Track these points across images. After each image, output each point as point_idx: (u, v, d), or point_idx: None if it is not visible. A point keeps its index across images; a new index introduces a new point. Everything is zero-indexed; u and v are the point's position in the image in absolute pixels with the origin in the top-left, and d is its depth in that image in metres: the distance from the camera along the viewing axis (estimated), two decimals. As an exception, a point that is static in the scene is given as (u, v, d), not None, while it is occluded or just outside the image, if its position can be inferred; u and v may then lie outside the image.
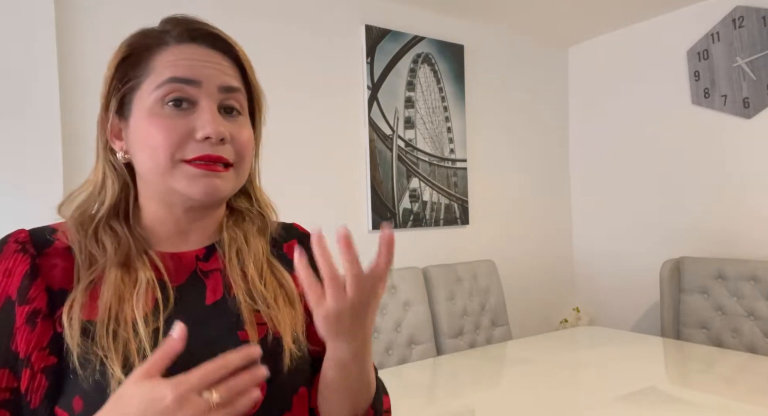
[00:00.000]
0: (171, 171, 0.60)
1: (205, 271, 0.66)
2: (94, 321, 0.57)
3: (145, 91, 0.61)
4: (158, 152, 0.59)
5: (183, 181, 0.60)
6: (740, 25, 2.40)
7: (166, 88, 0.59)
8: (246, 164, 0.66)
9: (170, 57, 0.61)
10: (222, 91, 0.62)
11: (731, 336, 2.22)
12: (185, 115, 0.60)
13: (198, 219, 0.66)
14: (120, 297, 0.58)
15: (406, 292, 2.17)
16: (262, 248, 0.70)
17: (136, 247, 0.63)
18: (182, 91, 0.60)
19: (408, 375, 1.72)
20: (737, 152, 2.46)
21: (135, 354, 0.56)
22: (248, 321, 0.63)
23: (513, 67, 2.97)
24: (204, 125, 0.59)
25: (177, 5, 1.92)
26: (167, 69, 0.60)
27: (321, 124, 2.29)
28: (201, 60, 0.62)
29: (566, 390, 1.52)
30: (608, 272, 3.03)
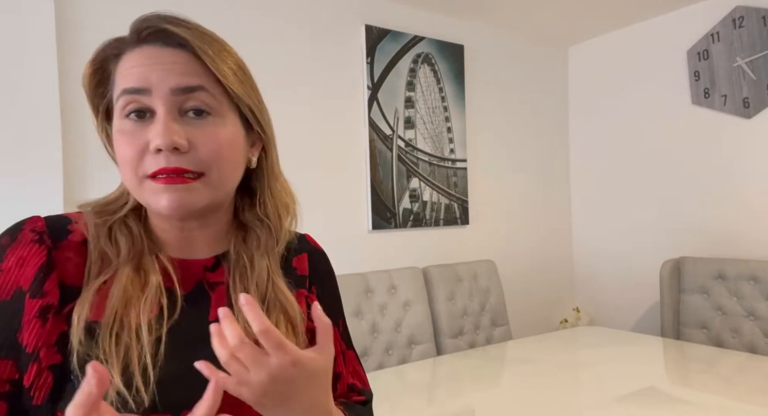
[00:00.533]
0: (140, 187, 0.58)
1: (211, 283, 0.64)
2: (99, 322, 0.55)
3: (115, 104, 0.59)
4: (125, 168, 0.57)
5: (150, 196, 0.57)
6: (740, 25, 2.40)
7: (122, 101, 0.57)
8: (222, 171, 0.59)
9: (124, 65, 0.58)
10: (177, 93, 0.57)
11: (731, 336, 2.22)
12: (145, 126, 0.57)
13: (198, 228, 0.64)
14: (127, 300, 0.56)
15: (406, 292, 2.17)
16: (267, 268, 0.65)
17: (149, 248, 0.61)
18: (137, 102, 0.56)
19: (408, 375, 1.72)
20: (737, 152, 2.46)
21: (135, 362, 0.54)
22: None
23: (513, 67, 2.97)
24: (154, 136, 0.55)
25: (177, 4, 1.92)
26: (122, 78, 0.57)
27: (321, 124, 2.29)
28: (151, 64, 0.57)
29: (566, 390, 1.52)
30: (608, 272, 3.03)
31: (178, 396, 0.55)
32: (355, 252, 2.36)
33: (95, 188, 1.77)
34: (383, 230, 2.44)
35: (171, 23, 0.58)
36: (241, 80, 0.62)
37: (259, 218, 0.67)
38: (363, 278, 2.09)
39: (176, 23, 0.59)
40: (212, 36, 0.62)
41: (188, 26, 0.60)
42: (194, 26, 0.61)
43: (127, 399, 0.52)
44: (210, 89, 0.58)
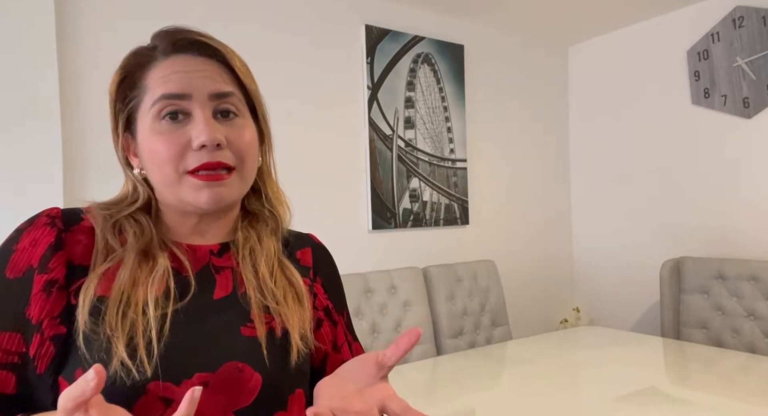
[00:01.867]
0: (178, 183, 0.63)
1: (217, 266, 0.68)
2: (106, 297, 0.59)
3: (144, 110, 0.63)
4: (164, 166, 0.62)
5: (189, 192, 0.63)
6: (740, 25, 2.40)
7: (160, 105, 0.62)
8: (249, 165, 0.67)
9: (160, 73, 0.63)
10: (213, 98, 0.64)
11: (731, 336, 2.22)
12: (182, 126, 0.62)
13: (214, 221, 0.69)
14: (135, 281, 0.61)
15: (406, 292, 2.17)
16: (274, 247, 0.72)
17: (158, 237, 0.65)
18: (176, 105, 0.62)
19: (408, 375, 1.72)
20: (737, 152, 2.46)
21: (140, 335, 0.58)
22: (257, 316, 0.65)
23: (513, 67, 2.96)
24: (198, 134, 0.61)
25: (176, 8, 1.92)
26: (159, 86, 0.62)
27: (321, 124, 2.29)
28: (189, 71, 0.63)
29: (566, 390, 1.52)
30: (608, 272, 3.03)
31: (179, 366, 0.59)
32: (355, 252, 2.36)
33: (95, 190, 1.77)
34: (383, 230, 2.44)
35: (202, 36, 0.66)
36: (258, 89, 0.71)
37: (264, 207, 0.75)
38: (363, 278, 2.09)
39: (205, 36, 0.66)
40: (233, 48, 0.70)
41: (214, 39, 0.67)
42: (217, 39, 0.68)
43: (131, 368, 0.56)
44: (238, 96, 0.67)
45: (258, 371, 0.63)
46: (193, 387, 0.50)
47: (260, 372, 0.63)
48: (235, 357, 0.62)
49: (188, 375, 0.59)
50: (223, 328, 0.64)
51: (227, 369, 0.61)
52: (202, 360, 0.61)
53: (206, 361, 0.61)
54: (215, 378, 0.60)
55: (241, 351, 0.63)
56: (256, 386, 0.62)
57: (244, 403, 0.61)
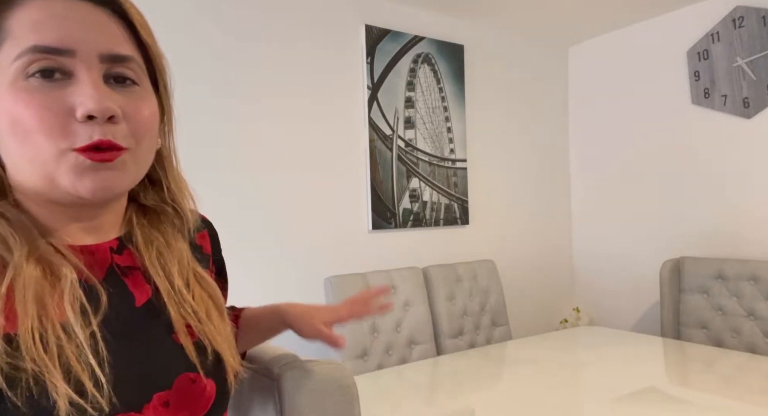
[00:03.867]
0: (55, 161, 0.48)
1: (122, 267, 0.57)
2: (14, 334, 0.46)
3: (3, 62, 0.47)
4: (33, 136, 0.47)
5: (69, 175, 0.48)
6: (740, 25, 2.40)
7: (28, 58, 0.46)
8: (146, 146, 0.53)
9: (32, 15, 0.47)
10: (105, 60, 0.49)
11: (731, 336, 2.22)
12: (59, 87, 0.47)
13: (99, 214, 0.56)
14: (40, 300, 0.47)
15: (406, 292, 2.17)
16: (185, 252, 0.61)
17: (43, 239, 0.51)
18: (51, 60, 0.47)
19: (408, 375, 1.72)
20: (737, 152, 2.46)
21: (77, 365, 0.46)
22: (180, 331, 0.57)
23: (513, 67, 2.96)
24: (85, 100, 0.47)
25: (176, 7, 1.92)
26: (29, 33, 0.47)
27: (321, 124, 2.29)
28: (72, 18, 0.48)
29: (566, 390, 1.52)
30: (608, 272, 3.03)
31: (135, 391, 0.51)
32: (355, 252, 2.36)
33: None
34: (383, 230, 2.44)
35: None
36: (161, 53, 0.56)
37: (166, 202, 0.62)
38: (363, 278, 2.09)
39: None
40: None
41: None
42: None
43: (84, 407, 0.46)
44: (137, 59, 0.52)
45: (210, 377, 0.58)
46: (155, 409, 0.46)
47: (211, 377, 0.58)
48: (186, 368, 0.56)
49: (147, 398, 0.52)
50: (155, 338, 0.56)
51: (182, 383, 0.55)
52: (155, 378, 0.53)
53: (159, 378, 0.54)
54: (174, 395, 0.54)
55: (185, 360, 0.56)
56: (211, 393, 0.57)
57: (201, 412, 0.56)
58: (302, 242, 2.23)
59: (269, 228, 2.14)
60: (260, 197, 2.12)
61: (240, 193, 2.08)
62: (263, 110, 2.12)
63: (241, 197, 2.08)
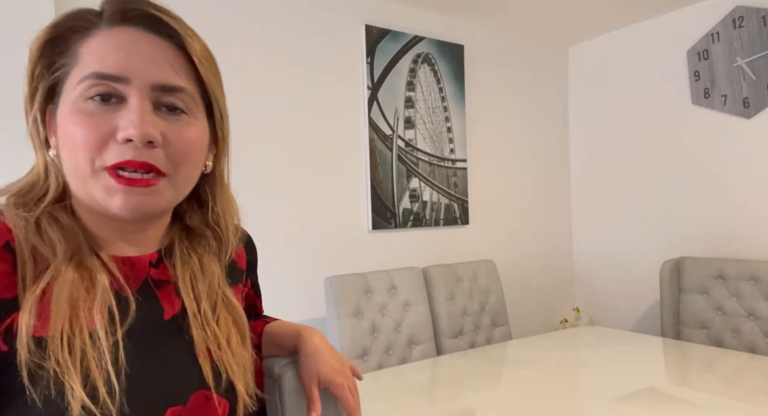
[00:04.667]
0: (91, 178, 0.51)
1: (156, 280, 0.59)
2: (45, 337, 0.48)
3: (71, 84, 0.52)
4: (77, 153, 0.51)
5: (100, 192, 0.52)
6: (740, 25, 2.40)
7: (88, 83, 0.51)
8: (186, 172, 0.56)
9: (99, 44, 0.52)
10: (156, 89, 0.53)
11: (731, 336, 2.22)
12: (111, 111, 0.51)
13: (143, 230, 0.59)
14: (74, 305, 0.50)
15: (406, 292, 2.17)
16: (217, 275, 0.63)
17: (87, 243, 0.54)
18: (108, 87, 0.51)
19: (408, 375, 1.72)
20: (737, 152, 2.46)
21: (96, 371, 0.48)
22: (200, 351, 0.58)
23: (513, 67, 2.96)
24: (127, 124, 0.50)
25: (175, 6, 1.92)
26: (93, 60, 0.51)
27: (321, 124, 2.29)
28: (132, 49, 0.52)
29: (566, 390, 1.52)
30: (608, 272, 3.02)
31: (148, 402, 0.52)
32: (355, 252, 2.36)
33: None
34: (383, 230, 2.44)
35: (159, 10, 0.53)
36: (219, 84, 0.59)
37: (209, 224, 0.65)
38: (363, 278, 2.08)
39: (165, 11, 0.54)
40: (195, 31, 0.57)
41: (176, 16, 0.54)
42: (179, 17, 0.55)
43: (95, 413, 0.47)
44: (190, 91, 0.55)
45: (224, 397, 0.59)
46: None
47: (225, 397, 0.59)
48: (201, 385, 0.57)
49: (160, 410, 0.53)
50: (179, 352, 0.57)
51: (197, 400, 0.56)
52: (170, 392, 0.54)
53: (174, 393, 0.55)
54: (187, 411, 0.55)
55: (203, 377, 0.58)
56: (224, 413, 0.59)
57: None
58: (302, 242, 2.22)
59: (269, 228, 2.14)
60: (260, 197, 2.12)
61: (240, 193, 2.07)
62: (263, 110, 2.12)
63: (240, 197, 2.08)
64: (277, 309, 2.16)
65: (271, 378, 0.78)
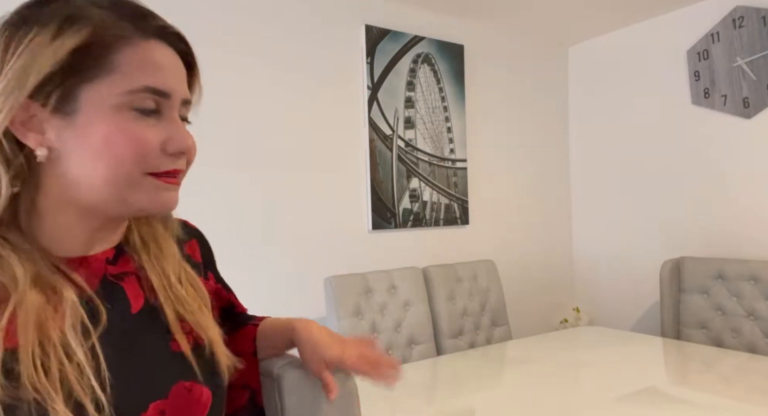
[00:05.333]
0: (132, 184, 0.54)
1: (115, 274, 0.59)
2: (16, 367, 0.47)
3: (104, 91, 0.52)
4: (124, 161, 0.52)
5: (146, 194, 0.55)
6: (740, 25, 2.40)
7: (140, 96, 0.53)
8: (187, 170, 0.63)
9: (139, 56, 0.53)
10: (183, 104, 0.59)
11: (731, 336, 2.22)
12: (150, 124, 0.54)
13: (117, 226, 0.61)
14: (42, 325, 0.49)
15: (406, 292, 2.17)
16: (176, 253, 0.66)
17: (44, 261, 0.53)
18: (155, 102, 0.54)
19: (408, 375, 1.72)
20: (737, 152, 2.46)
21: (78, 389, 0.48)
22: (176, 331, 0.60)
23: (513, 67, 2.96)
24: (179, 139, 0.56)
25: (176, 6, 1.92)
26: (140, 72, 0.53)
27: (321, 124, 2.29)
28: (170, 67, 0.56)
29: (566, 390, 1.52)
30: (608, 272, 3.02)
31: (132, 403, 0.54)
32: (355, 252, 2.36)
33: None
34: (383, 230, 2.44)
35: (181, 34, 0.60)
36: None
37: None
38: (363, 278, 2.09)
39: (184, 36, 0.61)
40: None
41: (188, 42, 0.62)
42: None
43: None
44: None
45: (206, 385, 0.60)
46: None
47: (207, 385, 0.60)
48: (180, 377, 0.58)
49: (143, 407, 0.54)
50: (152, 344, 0.58)
51: (177, 392, 0.57)
52: (150, 388, 0.56)
53: (154, 388, 0.56)
54: (169, 404, 0.56)
55: (181, 368, 0.59)
56: (207, 401, 0.60)
57: None
58: (302, 242, 2.23)
59: (269, 228, 2.14)
60: (260, 197, 2.12)
61: (240, 193, 2.08)
62: (263, 110, 2.12)
63: (240, 197, 2.08)
64: (277, 309, 2.15)
65: (271, 378, 0.78)
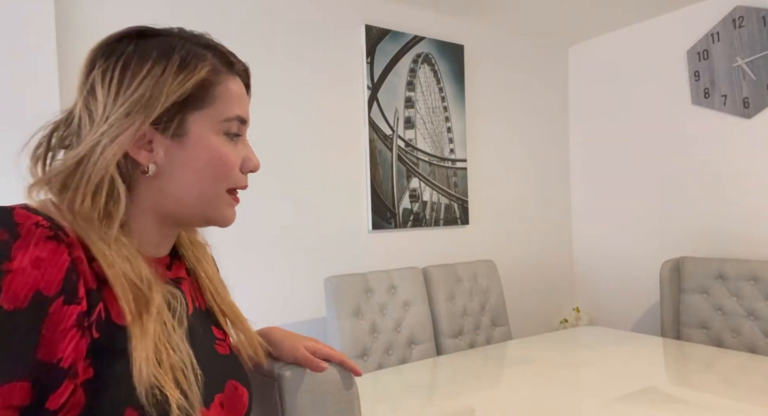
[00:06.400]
0: (215, 197, 0.63)
1: (172, 278, 0.66)
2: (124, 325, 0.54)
3: (207, 118, 0.62)
4: (219, 180, 0.63)
5: (224, 208, 0.65)
6: (740, 25, 2.40)
7: (234, 124, 0.64)
8: None
9: (233, 91, 0.64)
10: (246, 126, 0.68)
11: (731, 336, 2.22)
12: (235, 147, 0.65)
13: (174, 234, 0.68)
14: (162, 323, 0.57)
15: (406, 292, 2.17)
16: (209, 256, 0.76)
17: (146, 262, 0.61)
18: (238, 127, 0.65)
19: (408, 375, 1.72)
20: (737, 152, 2.46)
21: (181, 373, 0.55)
22: (222, 334, 0.68)
23: (513, 67, 2.96)
24: (255, 160, 0.66)
25: (176, 6, 1.92)
26: (234, 105, 0.64)
27: (321, 124, 2.29)
28: (246, 98, 0.67)
29: (566, 390, 1.52)
30: (608, 272, 3.03)
31: (204, 390, 0.59)
32: (355, 252, 2.36)
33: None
34: (383, 230, 2.44)
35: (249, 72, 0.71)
36: None
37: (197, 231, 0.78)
38: (363, 278, 2.09)
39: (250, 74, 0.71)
40: None
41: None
42: None
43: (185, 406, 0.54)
44: None
45: (245, 386, 0.66)
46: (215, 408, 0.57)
47: (246, 387, 0.67)
48: (229, 375, 0.65)
49: (211, 398, 0.60)
50: (203, 346, 0.64)
51: (230, 388, 0.64)
52: (212, 381, 0.61)
53: (215, 382, 0.62)
54: (226, 398, 0.62)
55: (228, 367, 0.66)
56: (246, 400, 0.66)
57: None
58: (302, 242, 2.23)
59: (269, 228, 2.14)
60: (260, 197, 2.12)
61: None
62: (263, 110, 2.12)
63: (240, 197, 2.08)
64: (277, 309, 2.16)
65: (271, 378, 0.78)
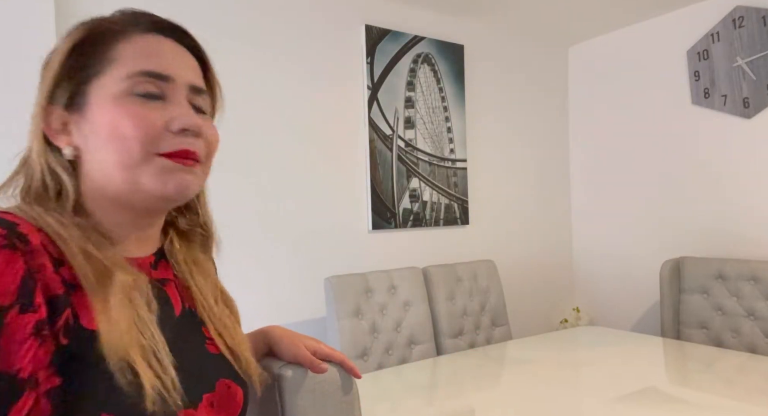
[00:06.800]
0: (142, 165, 0.55)
1: (157, 279, 0.63)
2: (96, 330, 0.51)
3: (108, 81, 0.55)
4: (130, 142, 0.54)
5: (154, 176, 0.55)
6: (740, 25, 2.40)
7: (136, 80, 0.55)
8: (209, 164, 0.63)
9: (138, 47, 0.57)
10: (191, 90, 0.60)
11: (731, 336, 2.22)
12: (156, 108, 0.56)
13: (151, 225, 0.63)
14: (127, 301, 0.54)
15: (406, 292, 2.17)
16: (212, 271, 0.72)
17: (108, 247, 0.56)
18: (154, 86, 0.56)
19: (408, 375, 1.72)
20: (737, 152, 2.46)
21: (155, 360, 0.53)
22: (214, 333, 0.66)
23: (513, 67, 2.96)
24: (181, 116, 0.57)
25: (176, 6, 1.92)
26: (137, 60, 0.56)
27: (321, 124, 2.29)
28: (171, 55, 0.59)
29: (566, 390, 1.52)
30: (608, 272, 3.03)
31: (191, 390, 0.57)
32: (355, 252, 2.36)
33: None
34: (383, 230, 2.44)
35: (182, 26, 0.63)
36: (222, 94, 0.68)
37: (198, 224, 0.71)
38: (363, 278, 2.09)
39: (186, 30, 0.63)
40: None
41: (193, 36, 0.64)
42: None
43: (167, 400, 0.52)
44: (207, 96, 0.64)
45: (240, 385, 0.65)
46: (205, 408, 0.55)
47: (240, 386, 0.65)
48: (221, 374, 0.63)
49: (199, 397, 0.58)
50: (193, 346, 0.62)
51: (221, 387, 0.61)
52: (201, 380, 0.60)
53: (205, 381, 0.60)
54: (216, 397, 0.60)
55: (220, 366, 0.64)
56: (241, 400, 0.64)
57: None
58: (302, 242, 2.23)
59: (269, 228, 2.14)
60: (260, 197, 2.12)
61: (240, 193, 2.08)
62: (263, 110, 2.12)
63: (241, 197, 2.08)
64: (278, 309, 2.16)
65: (271, 377, 0.78)
